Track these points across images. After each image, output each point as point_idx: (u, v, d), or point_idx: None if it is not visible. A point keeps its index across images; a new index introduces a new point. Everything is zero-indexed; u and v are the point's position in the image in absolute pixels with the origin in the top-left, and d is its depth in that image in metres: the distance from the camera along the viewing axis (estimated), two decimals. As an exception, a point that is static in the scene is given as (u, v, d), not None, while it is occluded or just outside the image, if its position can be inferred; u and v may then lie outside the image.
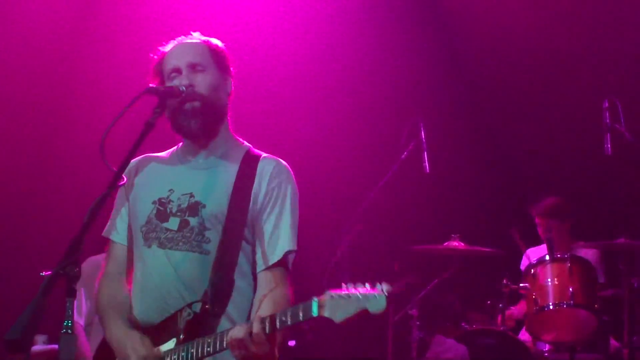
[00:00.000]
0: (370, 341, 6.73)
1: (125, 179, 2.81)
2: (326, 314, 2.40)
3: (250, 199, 2.96)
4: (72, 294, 2.43)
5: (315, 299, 2.45)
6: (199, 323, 2.80)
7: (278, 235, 2.95)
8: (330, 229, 6.35)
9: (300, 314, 2.48)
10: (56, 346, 5.17)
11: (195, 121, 2.97)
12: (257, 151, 3.13)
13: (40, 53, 6.57)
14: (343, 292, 2.39)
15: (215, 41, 3.16)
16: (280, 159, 3.11)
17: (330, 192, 6.95)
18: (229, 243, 2.90)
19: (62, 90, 6.74)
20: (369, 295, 2.34)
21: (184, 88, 2.94)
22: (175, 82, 2.99)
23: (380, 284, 2.37)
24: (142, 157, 3.16)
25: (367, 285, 2.38)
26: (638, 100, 6.32)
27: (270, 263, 2.93)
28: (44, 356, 5.32)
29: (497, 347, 5.88)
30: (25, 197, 6.64)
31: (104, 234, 3.14)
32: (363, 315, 2.36)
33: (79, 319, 4.97)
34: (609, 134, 5.44)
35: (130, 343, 2.86)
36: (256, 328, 2.57)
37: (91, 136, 3.44)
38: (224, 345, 2.65)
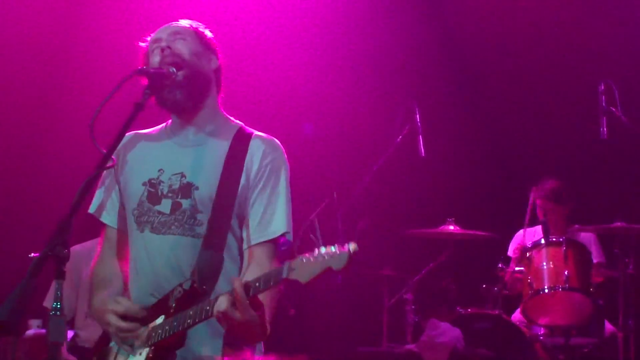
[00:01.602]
0: (365, 325, 6.73)
1: (114, 160, 2.78)
2: (293, 276, 2.46)
3: (241, 178, 2.91)
4: (61, 275, 2.40)
5: (287, 262, 2.49)
6: (187, 299, 2.77)
7: (272, 215, 2.91)
8: (324, 214, 6.33)
9: (272, 278, 2.52)
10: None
11: (180, 92, 2.91)
12: (249, 129, 3.06)
13: (32, 44, 6.59)
14: (311, 255, 2.43)
15: (202, 28, 3.11)
16: (273, 137, 3.05)
17: (324, 176, 6.92)
18: (218, 222, 2.86)
19: (49, 75, 6.73)
20: (333, 254, 2.39)
21: (174, 69, 2.90)
22: (156, 52, 2.97)
23: (349, 243, 2.41)
24: (131, 136, 3.08)
25: (336, 245, 2.43)
26: (634, 84, 6.30)
27: (260, 240, 2.89)
28: (38, 340, 5.30)
29: (492, 330, 5.88)
30: (13, 180, 6.63)
31: (92, 211, 3.07)
32: (328, 273, 2.43)
33: None
34: (605, 118, 5.42)
35: (106, 306, 2.85)
36: (240, 293, 2.55)
37: (80, 118, 3.41)
38: (209, 314, 2.63)
